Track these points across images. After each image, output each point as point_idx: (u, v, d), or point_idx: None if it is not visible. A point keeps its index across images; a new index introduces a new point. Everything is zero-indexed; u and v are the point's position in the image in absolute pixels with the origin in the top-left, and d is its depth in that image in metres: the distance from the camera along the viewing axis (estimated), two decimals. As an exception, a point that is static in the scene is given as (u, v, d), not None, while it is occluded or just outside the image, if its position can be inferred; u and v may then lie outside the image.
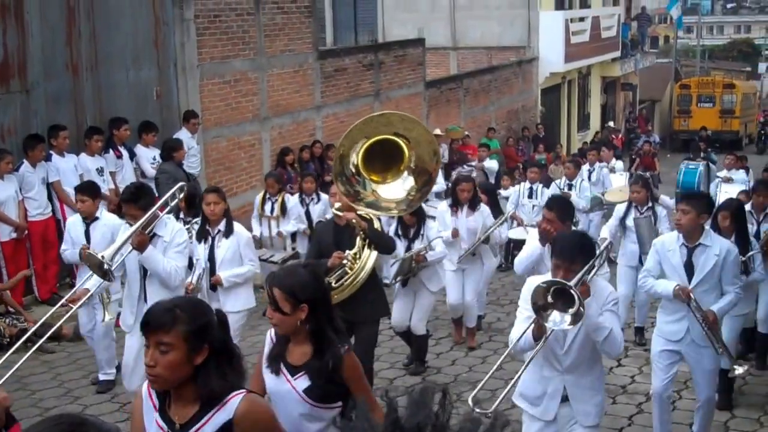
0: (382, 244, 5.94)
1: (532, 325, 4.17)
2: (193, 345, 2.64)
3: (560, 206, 5.61)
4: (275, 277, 3.41)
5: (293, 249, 9.47)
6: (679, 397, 6.68)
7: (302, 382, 3.36)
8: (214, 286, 6.26)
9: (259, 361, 3.57)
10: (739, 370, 5.71)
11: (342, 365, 3.32)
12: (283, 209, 9.23)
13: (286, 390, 3.38)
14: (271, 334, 3.53)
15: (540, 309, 4.03)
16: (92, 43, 9.50)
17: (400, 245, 7.00)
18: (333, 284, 5.62)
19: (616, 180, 13.00)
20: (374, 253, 5.83)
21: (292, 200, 9.41)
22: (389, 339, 8.00)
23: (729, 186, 11.01)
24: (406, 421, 1.33)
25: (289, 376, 3.38)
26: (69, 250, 6.78)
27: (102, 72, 9.65)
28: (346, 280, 5.67)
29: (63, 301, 6.00)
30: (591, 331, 4.16)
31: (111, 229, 6.52)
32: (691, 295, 5.28)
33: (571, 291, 3.93)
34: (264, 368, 3.49)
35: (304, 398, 3.35)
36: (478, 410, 4.57)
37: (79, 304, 5.91)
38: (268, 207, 9.28)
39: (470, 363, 7.68)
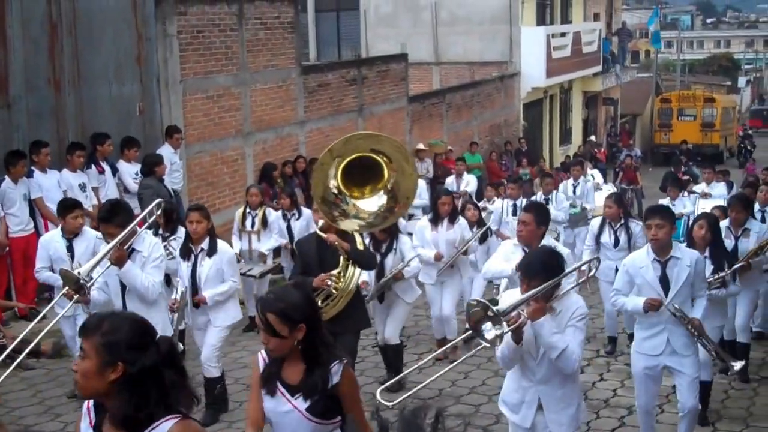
0: (364, 262, 6.05)
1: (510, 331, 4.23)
2: (105, 359, 2.57)
3: (538, 210, 5.85)
4: (266, 302, 3.32)
5: (274, 263, 9.41)
6: (661, 411, 6.71)
7: (303, 401, 3.31)
8: (197, 304, 6.29)
9: (253, 385, 3.50)
10: (737, 365, 5.78)
11: (340, 381, 3.30)
12: (265, 222, 9.10)
13: (288, 410, 3.33)
14: (262, 354, 3.46)
15: (476, 324, 4.08)
16: (75, 59, 9.49)
17: None
18: (320, 303, 5.65)
19: (601, 197, 13.07)
20: (359, 271, 5.90)
21: (274, 214, 9.34)
22: (374, 354, 8.00)
23: (706, 202, 11.11)
24: None
25: (288, 396, 3.33)
26: (44, 270, 6.70)
27: (84, 87, 9.63)
28: (332, 299, 5.70)
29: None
30: (545, 348, 4.27)
31: (92, 242, 6.56)
32: (665, 303, 5.32)
33: (501, 319, 4.03)
34: (261, 389, 3.42)
35: (308, 417, 3.30)
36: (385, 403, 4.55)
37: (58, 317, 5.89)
38: (248, 222, 9.11)
39: (453, 377, 7.67)
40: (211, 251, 6.23)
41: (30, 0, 9.02)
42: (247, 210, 9.14)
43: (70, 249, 6.57)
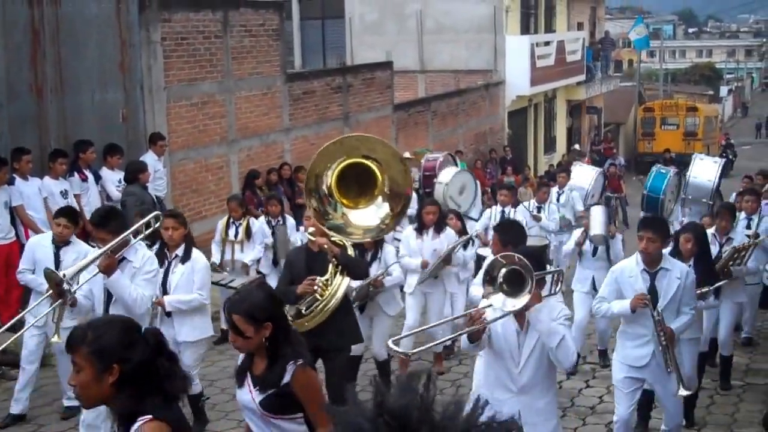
0: (355, 269, 5.87)
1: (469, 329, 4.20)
2: (100, 365, 2.64)
3: (505, 230, 5.72)
4: (232, 303, 3.51)
5: (257, 273, 9.31)
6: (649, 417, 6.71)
7: (258, 393, 3.52)
8: (170, 312, 6.10)
9: None
10: (684, 393, 5.65)
11: (292, 379, 3.44)
12: (248, 233, 8.98)
13: (248, 400, 3.56)
14: None
15: (489, 283, 4.05)
16: (57, 65, 9.41)
17: None
18: (303, 311, 5.55)
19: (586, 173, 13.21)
20: (346, 280, 5.73)
21: (257, 223, 9.24)
22: (363, 362, 7.94)
23: (704, 162, 11.21)
24: (393, 403, 1.39)
25: (252, 387, 3.54)
26: (28, 272, 6.63)
27: (67, 94, 9.55)
28: (316, 307, 5.58)
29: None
30: (544, 336, 4.21)
31: (83, 255, 6.40)
32: (647, 303, 5.25)
33: (525, 275, 3.97)
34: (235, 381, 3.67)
35: (260, 410, 3.51)
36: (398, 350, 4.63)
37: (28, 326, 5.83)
38: (231, 231, 8.97)
39: (440, 386, 7.63)
40: (185, 258, 6.09)
41: (12, 6, 8.95)
42: (231, 220, 9.03)
43: (56, 257, 6.49)
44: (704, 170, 11.38)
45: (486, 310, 4.15)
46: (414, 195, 12.10)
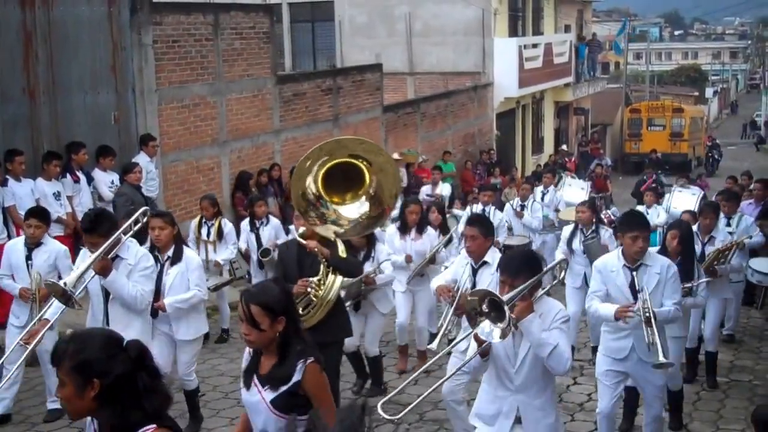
0: (346, 268, 5.89)
1: (477, 345, 4.18)
2: (80, 379, 2.63)
3: (481, 223, 5.85)
4: (251, 294, 3.48)
5: (230, 272, 9.21)
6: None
7: (270, 392, 3.45)
8: (156, 312, 6.05)
9: None
10: (662, 360, 5.58)
11: (303, 376, 3.40)
12: (220, 234, 8.90)
13: (257, 401, 3.49)
14: (248, 349, 3.63)
15: (472, 314, 4.05)
16: (50, 68, 9.46)
17: None
18: (301, 311, 5.60)
19: (575, 193, 13.10)
20: (339, 278, 5.76)
21: (229, 225, 9.16)
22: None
23: (682, 194, 11.32)
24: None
25: (260, 387, 3.48)
26: (7, 278, 6.62)
27: (59, 96, 9.61)
28: (313, 307, 5.64)
29: (19, 340, 5.84)
30: (534, 347, 4.18)
31: (54, 254, 6.48)
32: (634, 310, 5.26)
33: (504, 306, 3.92)
34: (241, 383, 3.60)
35: (271, 408, 3.44)
36: (386, 416, 4.56)
37: (39, 336, 5.63)
38: (204, 231, 8.93)
39: (430, 383, 7.73)
40: (176, 259, 6.08)
41: (4, 8, 9.00)
42: (203, 220, 8.97)
43: (29, 258, 6.48)
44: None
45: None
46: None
